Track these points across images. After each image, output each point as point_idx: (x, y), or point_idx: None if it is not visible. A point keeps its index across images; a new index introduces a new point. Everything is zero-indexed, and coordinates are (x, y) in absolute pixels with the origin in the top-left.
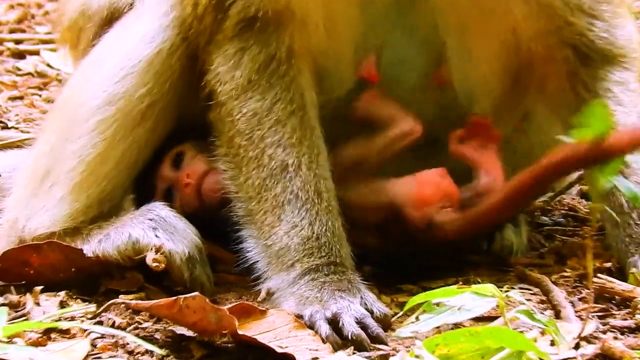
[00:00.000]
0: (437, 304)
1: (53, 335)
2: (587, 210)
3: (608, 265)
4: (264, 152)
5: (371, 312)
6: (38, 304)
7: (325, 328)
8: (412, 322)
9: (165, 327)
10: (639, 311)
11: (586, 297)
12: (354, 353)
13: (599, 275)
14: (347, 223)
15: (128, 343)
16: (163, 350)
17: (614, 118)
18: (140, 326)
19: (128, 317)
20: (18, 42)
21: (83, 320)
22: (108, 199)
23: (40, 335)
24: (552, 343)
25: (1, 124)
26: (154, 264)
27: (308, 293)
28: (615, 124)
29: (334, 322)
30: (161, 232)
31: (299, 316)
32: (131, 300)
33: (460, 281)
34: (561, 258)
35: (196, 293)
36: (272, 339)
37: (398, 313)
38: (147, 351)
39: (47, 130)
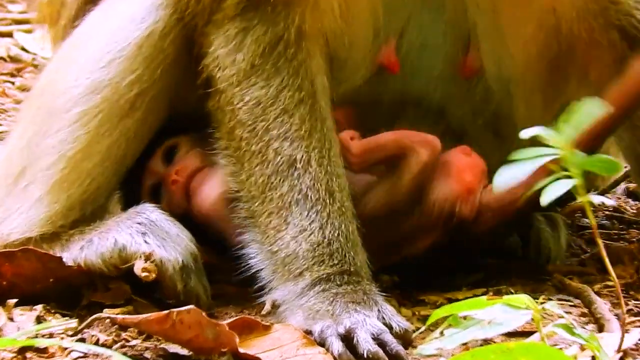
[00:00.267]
0: (465, 318)
1: (29, 354)
2: (635, 211)
3: None
4: (269, 146)
5: (390, 327)
6: (12, 319)
7: (337, 345)
8: (436, 338)
9: (156, 345)
10: None
11: (633, 310)
12: None
13: None
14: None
15: None
16: None
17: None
18: (127, 344)
19: (114, 334)
20: None
21: (63, 337)
22: (91, 200)
23: (14, 354)
24: None
25: None
26: (144, 274)
27: (318, 306)
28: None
29: (348, 339)
30: (151, 238)
31: (308, 332)
32: (117, 314)
33: (490, 291)
34: (605, 265)
35: (191, 306)
36: (278, 358)
37: (420, 328)
38: None
39: (22, 122)
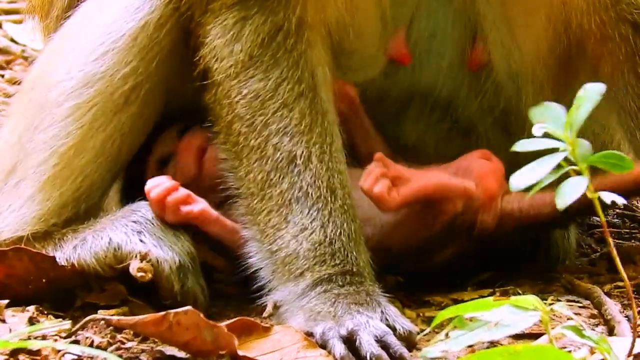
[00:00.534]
0: (470, 319)
1: (21, 357)
2: None
3: None
4: (268, 141)
5: (393, 329)
6: (3, 321)
7: (340, 348)
8: (442, 340)
9: (152, 347)
10: None
11: None
12: None
13: None
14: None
15: None
16: None
17: None
18: (123, 346)
19: (109, 336)
20: None
21: (56, 339)
22: (85, 198)
23: (6, 357)
24: None
25: None
26: (139, 274)
27: (320, 307)
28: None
29: (350, 341)
30: (147, 237)
31: (309, 334)
32: (112, 315)
33: (497, 292)
34: (615, 265)
35: (188, 307)
36: None
37: (425, 330)
38: None
39: (13, 117)
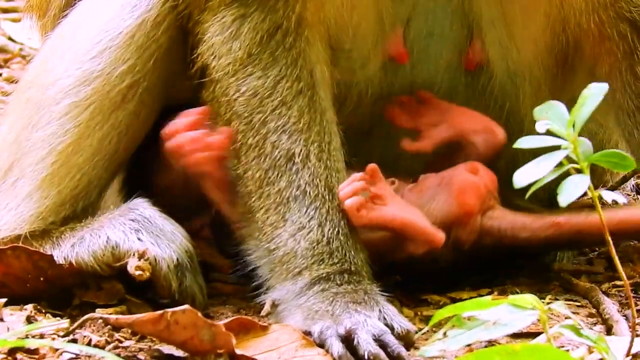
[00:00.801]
0: (468, 318)
1: (19, 355)
2: None
3: None
4: (266, 139)
5: (391, 328)
6: (1, 320)
7: (337, 347)
8: (439, 339)
9: (150, 346)
10: None
11: None
12: None
13: None
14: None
15: None
16: None
17: None
18: (121, 345)
19: (107, 334)
20: None
21: (54, 337)
22: (82, 196)
23: (4, 355)
24: None
25: None
26: (137, 272)
27: (318, 306)
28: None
29: (348, 340)
30: (145, 235)
31: (307, 333)
32: (110, 314)
33: (495, 291)
34: (613, 264)
35: (186, 306)
36: (276, 359)
37: (423, 329)
38: None
39: (10, 115)
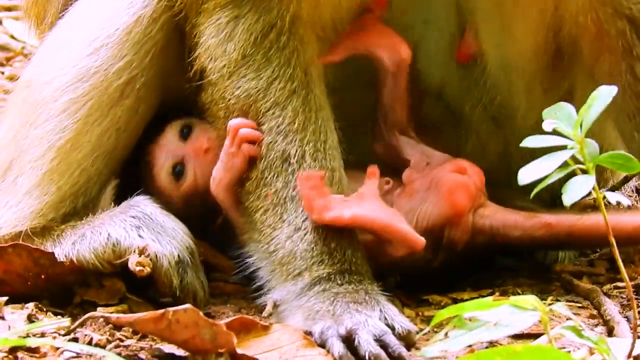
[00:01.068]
0: (470, 319)
1: (20, 354)
2: None
3: None
4: (262, 141)
5: (392, 328)
6: (2, 318)
7: (338, 347)
8: (441, 340)
9: (151, 345)
10: None
11: None
12: None
13: None
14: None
15: None
16: None
17: None
18: (122, 344)
19: (108, 333)
20: None
21: (55, 336)
22: (82, 192)
23: (5, 354)
24: None
25: None
26: (138, 268)
27: (318, 306)
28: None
29: (349, 340)
30: (146, 232)
31: (308, 333)
32: (111, 313)
33: (496, 292)
34: (614, 265)
35: (187, 305)
36: (277, 359)
37: (424, 329)
38: None
39: (8, 114)
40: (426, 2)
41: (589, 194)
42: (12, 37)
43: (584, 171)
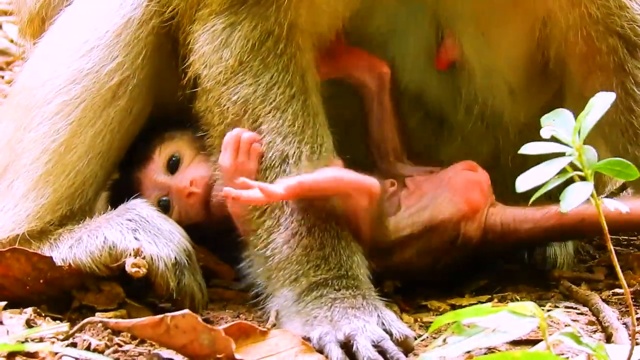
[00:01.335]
0: (468, 325)
1: (19, 359)
2: None
3: None
4: (261, 141)
5: (390, 334)
6: (1, 323)
7: (337, 352)
8: (439, 346)
9: (149, 350)
10: None
11: None
12: None
13: None
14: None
15: None
16: None
17: None
18: (120, 349)
19: (106, 338)
20: None
21: (54, 341)
22: (78, 194)
23: (4, 359)
24: None
25: None
26: (133, 270)
27: (316, 312)
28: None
29: (347, 346)
30: (142, 234)
31: (307, 338)
32: (110, 318)
33: (495, 298)
34: (613, 272)
35: (186, 311)
36: None
37: (422, 335)
38: None
39: (4, 118)
40: (402, 9)
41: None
42: (12, 42)
43: (583, 178)
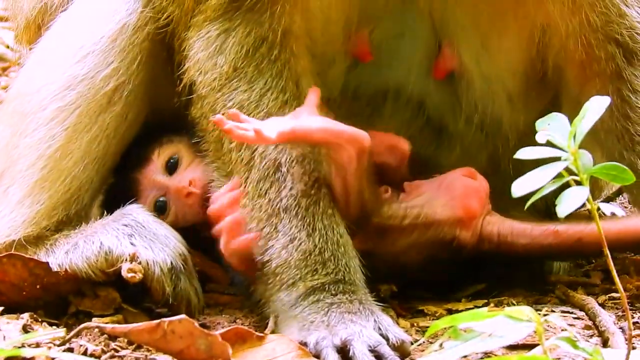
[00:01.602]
0: (465, 330)
1: None
2: None
3: None
4: (255, 151)
5: (387, 339)
6: None
7: (333, 357)
8: (436, 351)
9: (146, 355)
10: None
11: (639, 322)
12: None
13: None
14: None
15: None
16: None
17: None
18: (117, 354)
19: (103, 344)
20: None
21: (50, 346)
22: (74, 200)
23: None
24: None
25: None
26: (130, 275)
27: (313, 316)
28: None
29: (344, 351)
30: (138, 239)
31: (303, 343)
32: (106, 323)
33: (491, 303)
34: (609, 276)
35: (183, 316)
36: None
37: (419, 340)
38: None
39: (0, 124)
40: (400, 18)
41: (584, 205)
42: (8, 47)
43: (578, 182)
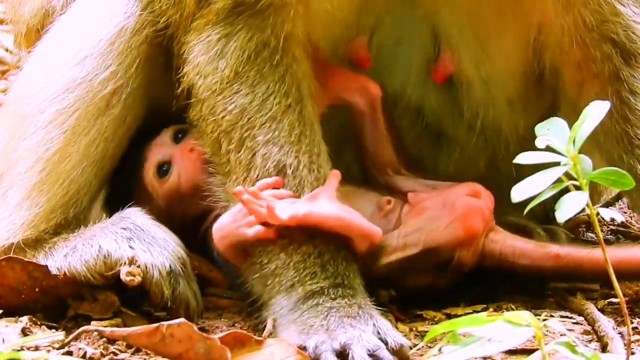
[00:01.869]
0: (464, 334)
1: None
2: None
3: None
4: (256, 153)
5: (386, 343)
6: None
7: None
8: (435, 355)
9: (145, 359)
10: None
11: (638, 327)
12: None
13: None
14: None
15: None
16: None
17: None
18: (115, 357)
19: (102, 347)
20: None
21: (49, 350)
22: (73, 203)
23: None
24: None
25: None
26: (128, 278)
27: (312, 320)
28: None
29: (343, 355)
30: (137, 243)
31: (302, 347)
32: (105, 327)
33: (490, 308)
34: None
35: (181, 320)
36: None
37: (418, 344)
38: None
39: None
40: (399, 23)
41: (583, 210)
42: (7, 50)
43: (578, 187)
